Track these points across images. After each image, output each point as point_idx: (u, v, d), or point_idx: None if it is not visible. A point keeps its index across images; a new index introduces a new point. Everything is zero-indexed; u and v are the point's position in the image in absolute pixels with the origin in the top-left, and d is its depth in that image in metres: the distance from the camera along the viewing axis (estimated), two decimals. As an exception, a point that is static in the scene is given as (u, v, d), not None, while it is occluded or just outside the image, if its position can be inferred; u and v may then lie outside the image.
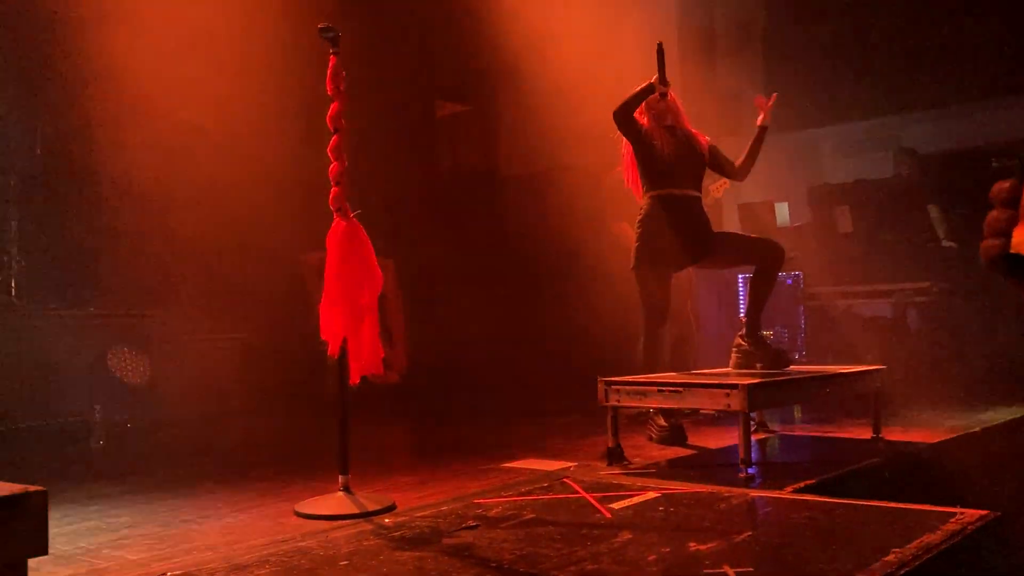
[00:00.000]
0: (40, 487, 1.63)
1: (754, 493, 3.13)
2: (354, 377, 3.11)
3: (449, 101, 9.51)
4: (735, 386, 3.46)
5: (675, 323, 4.95)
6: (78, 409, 5.15)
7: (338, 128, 3.13)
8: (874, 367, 4.39)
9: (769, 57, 8.64)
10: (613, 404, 3.81)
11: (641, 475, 3.51)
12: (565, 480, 3.38)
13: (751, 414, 3.62)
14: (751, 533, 2.51)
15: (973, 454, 4.25)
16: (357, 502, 3.02)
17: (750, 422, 3.57)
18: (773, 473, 3.59)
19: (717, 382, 3.64)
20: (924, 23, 7.96)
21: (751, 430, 3.67)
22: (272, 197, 6.17)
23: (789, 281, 7.59)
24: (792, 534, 2.48)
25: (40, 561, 2.00)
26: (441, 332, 7.66)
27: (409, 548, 2.46)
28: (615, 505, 2.91)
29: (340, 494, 3.08)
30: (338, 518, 2.90)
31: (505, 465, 3.93)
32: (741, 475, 3.39)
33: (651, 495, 3.06)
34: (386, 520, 2.84)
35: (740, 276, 7.57)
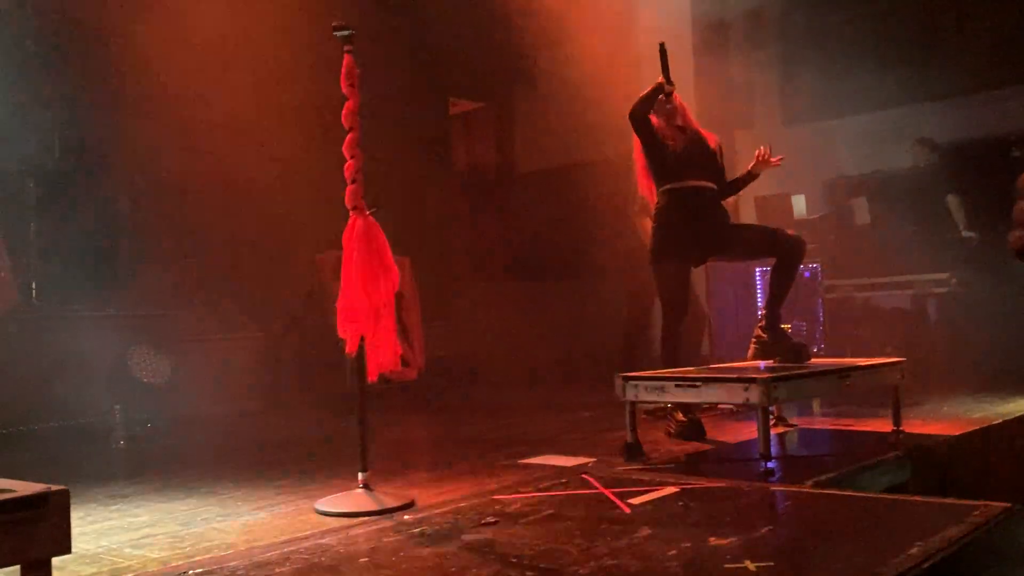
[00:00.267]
0: (62, 487, 1.65)
1: (774, 487, 3.11)
2: (372, 374, 3.12)
3: (464, 99, 9.52)
4: (753, 380, 3.43)
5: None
6: (98, 409, 5.19)
7: (352, 126, 3.13)
8: (894, 359, 4.36)
9: (784, 48, 8.57)
10: (631, 399, 3.80)
11: (660, 470, 3.50)
12: (584, 476, 3.37)
13: (770, 408, 3.60)
14: (771, 527, 2.50)
15: (995, 446, 4.21)
16: (377, 499, 3.03)
17: (769, 416, 3.56)
18: (793, 467, 3.57)
19: (735, 376, 3.62)
20: (941, 11, 7.88)
21: (770, 424, 3.65)
22: (290, 196, 6.21)
23: (807, 274, 7.54)
24: (813, 528, 2.47)
25: (64, 560, 2.02)
26: (458, 328, 7.67)
27: (429, 545, 2.46)
28: (634, 500, 2.90)
29: (360, 491, 3.09)
30: (358, 515, 2.91)
31: (524, 461, 3.92)
32: (761, 469, 3.37)
33: (670, 490, 3.05)
34: (406, 517, 2.84)
35: (758, 269, 7.53)
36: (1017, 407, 4.90)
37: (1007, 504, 2.57)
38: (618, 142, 5.61)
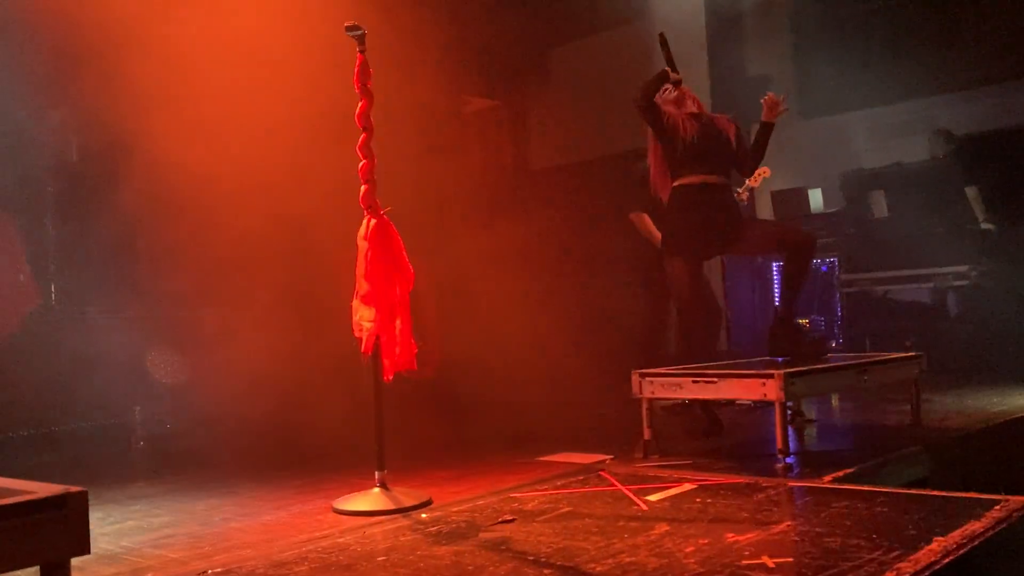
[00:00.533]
0: (81, 488, 1.66)
1: (792, 483, 3.10)
2: (388, 374, 3.13)
3: (477, 97, 9.52)
4: (771, 375, 3.41)
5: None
6: (118, 411, 5.22)
7: (366, 126, 3.14)
8: (913, 354, 4.33)
9: (799, 40, 8.52)
10: (648, 396, 3.79)
11: (677, 467, 3.49)
12: (601, 473, 3.37)
13: (788, 403, 3.58)
14: (790, 523, 2.49)
15: (1016, 440, 4.18)
16: (394, 498, 3.04)
17: (787, 411, 3.54)
18: (811, 462, 3.55)
19: (753, 372, 3.60)
20: (958, 1, 7.81)
21: (788, 419, 3.63)
22: (308, 196, 6.22)
23: (824, 268, 7.51)
24: (832, 524, 2.45)
25: (84, 560, 2.03)
26: (474, 326, 7.67)
27: (446, 543, 2.46)
28: (651, 497, 2.90)
29: (377, 490, 3.10)
30: (375, 514, 2.92)
31: (541, 458, 3.92)
32: (779, 465, 3.35)
33: (688, 486, 3.04)
34: (423, 515, 2.85)
35: (775, 264, 7.50)
36: (1039, 400, 4.86)
37: (1029, 498, 2.55)
38: (633, 137, 5.60)
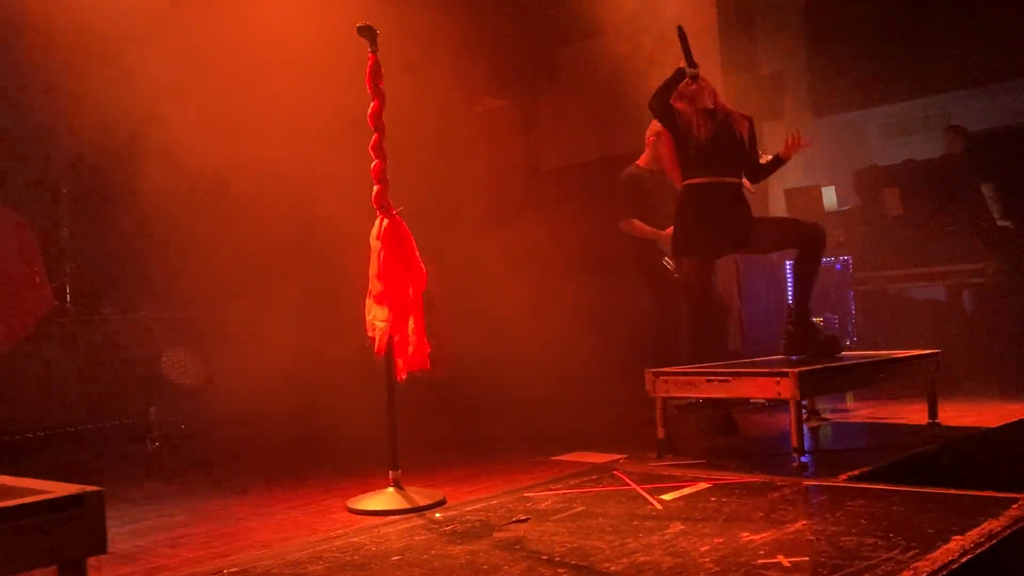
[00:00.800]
0: (97, 487, 1.67)
1: (807, 482, 3.08)
2: (401, 374, 3.13)
3: (488, 97, 9.52)
4: (785, 374, 3.40)
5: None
6: (133, 411, 5.25)
7: (378, 127, 3.14)
8: (928, 351, 4.30)
9: (812, 36, 8.48)
10: (662, 395, 3.78)
11: (691, 466, 3.48)
12: (615, 472, 3.36)
13: (803, 401, 3.57)
14: (805, 522, 2.47)
15: (1034, 438, 4.14)
16: (408, 497, 3.04)
17: (802, 410, 3.52)
18: (826, 461, 3.54)
19: (767, 370, 3.58)
20: (971, -3, 7.77)
21: (803, 418, 3.62)
22: (326, 196, 6.23)
23: (838, 266, 7.47)
24: (847, 523, 2.44)
25: (100, 559, 2.04)
26: (487, 326, 7.67)
27: (460, 542, 2.46)
28: (666, 496, 2.89)
29: (391, 490, 3.10)
30: (389, 513, 2.92)
31: (554, 458, 3.92)
32: (794, 464, 3.34)
33: (702, 485, 3.03)
34: (437, 514, 2.85)
35: (788, 262, 7.46)
36: (1056, 398, 4.83)
37: (1047, 497, 2.53)
38: (644, 135, 5.59)
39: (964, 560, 2.03)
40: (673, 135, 4.39)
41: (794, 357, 4.25)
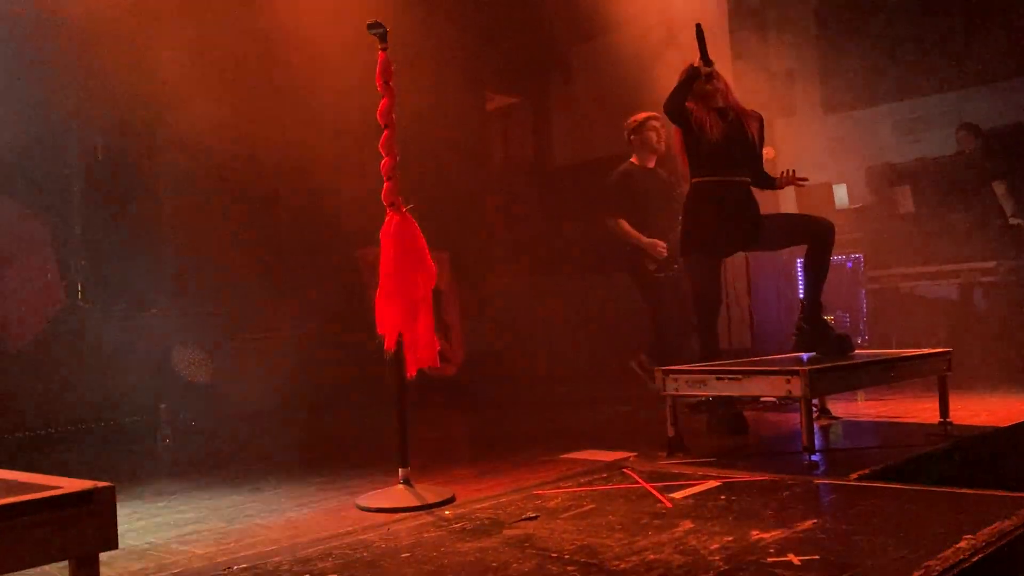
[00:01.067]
0: (108, 483, 1.67)
1: (818, 480, 3.07)
2: (411, 370, 3.13)
3: (499, 93, 9.52)
4: (796, 372, 3.39)
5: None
6: (144, 408, 5.27)
7: (388, 124, 3.14)
8: (940, 350, 4.28)
9: (823, 33, 8.44)
10: (672, 393, 3.77)
11: (701, 464, 3.48)
12: (625, 470, 3.36)
13: (813, 400, 3.56)
14: (816, 521, 2.47)
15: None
16: (417, 494, 3.04)
17: (812, 408, 3.51)
18: (837, 460, 3.52)
19: (777, 368, 3.57)
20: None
21: (813, 416, 3.61)
22: (329, 194, 6.25)
23: (849, 264, 7.44)
24: (858, 522, 2.43)
25: (111, 555, 2.06)
26: (497, 323, 7.67)
27: (470, 540, 2.46)
28: (676, 495, 2.89)
29: (400, 487, 3.10)
30: (399, 511, 2.92)
31: (564, 456, 3.92)
32: (804, 462, 3.33)
33: (712, 484, 3.03)
34: (446, 512, 2.85)
35: (799, 260, 7.44)
36: (1069, 397, 4.80)
37: (1060, 496, 2.52)
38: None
39: (975, 559, 2.02)
40: (685, 134, 4.38)
41: (805, 355, 4.23)
